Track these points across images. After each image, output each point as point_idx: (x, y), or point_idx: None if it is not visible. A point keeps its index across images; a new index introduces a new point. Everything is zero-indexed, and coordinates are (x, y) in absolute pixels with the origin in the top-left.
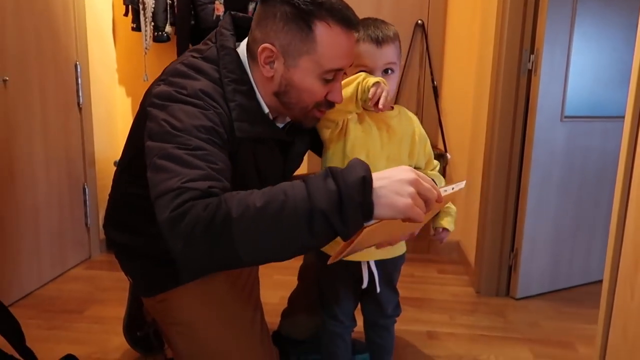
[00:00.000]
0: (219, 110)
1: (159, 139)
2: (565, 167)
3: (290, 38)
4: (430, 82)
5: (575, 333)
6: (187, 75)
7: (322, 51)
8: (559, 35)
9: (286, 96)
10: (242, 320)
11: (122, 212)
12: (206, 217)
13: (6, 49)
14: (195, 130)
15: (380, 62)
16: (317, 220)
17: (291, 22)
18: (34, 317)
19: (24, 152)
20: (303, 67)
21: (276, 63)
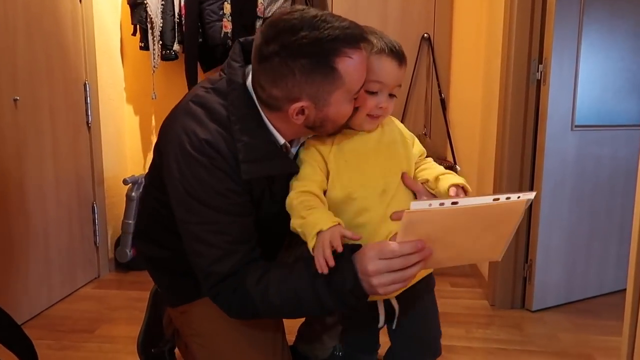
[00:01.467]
0: (224, 163)
1: (180, 204)
2: (577, 176)
3: (317, 85)
4: (437, 95)
5: (594, 345)
6: (195, 116)
7: (350, 80)
8: (567, 45)
9: (322, 128)
10: (263, 338)
11: (148, 224)
12: (236, 309)
13: (17, 69)
14: (208, 199)
15: (396, 82)
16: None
17: (314, 73)
18: (44, 337)
19: (34, 171)
20: (336, 102)
21: (307, 111)
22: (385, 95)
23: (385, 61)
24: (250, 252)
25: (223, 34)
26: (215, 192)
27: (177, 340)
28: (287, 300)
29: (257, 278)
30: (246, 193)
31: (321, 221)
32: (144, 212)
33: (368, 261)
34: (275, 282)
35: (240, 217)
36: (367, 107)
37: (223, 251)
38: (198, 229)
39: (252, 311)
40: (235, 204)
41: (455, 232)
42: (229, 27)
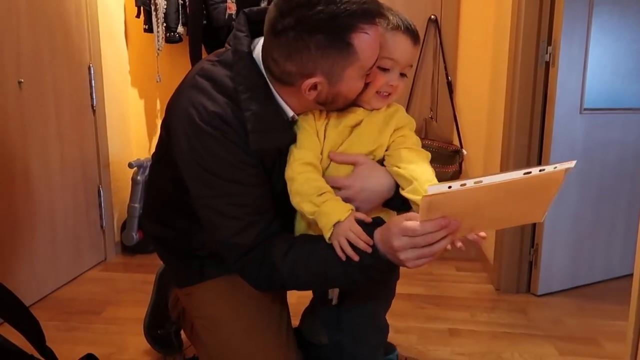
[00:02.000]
0: (234, 135)
1: (195, 179)
2: (585, 160)
3: (332, 61)
4: (444, 78)
5: (600, 329)
6: (202, 89)
7: (364, 56)
8: (577, 26)
9: (334, 104)
10: (268, 321)
11: (154, 203)
12: (264, 282)
13: (21, 52)
14: (222, 171)
15: (409, 61)
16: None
17: (330, 48)
18: (52, 319)
19: (39, 154)
20: (349, 77)
21: (319, 86)
22: (396, 74)
23: (400, 38)
24: (271, 223)
25: (227, 15)
26: (229, 164)
27: (183, 322)
28: (316, 275)
29: (284, 252)
30: (259, 164)
31: (336, 212)
32: (150, 191)
33: (393, 237)
34: (302, 258)
35: (256, 187)
36: (378, 83)
37: (243, 222)
38: (215, 203)
39: (280, 284)
40: (250, 175)
41: (485, 206)
42: (233, 9)
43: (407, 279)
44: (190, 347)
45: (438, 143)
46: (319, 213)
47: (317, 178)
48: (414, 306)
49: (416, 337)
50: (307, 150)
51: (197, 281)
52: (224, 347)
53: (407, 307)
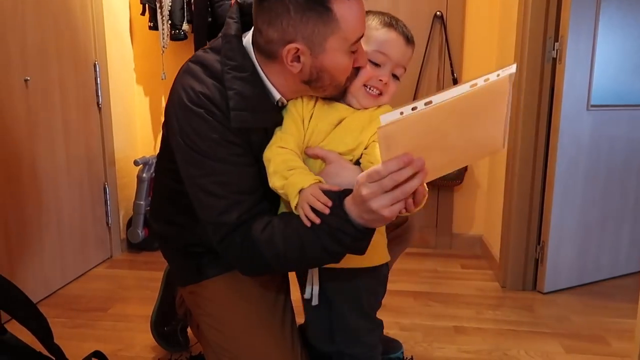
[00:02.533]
0: (220, 114)
1: (184, 160)
2: (591, 157)
3: (312, 26)
4: (450, 74)
5: (607, 327)
6: (193, 74)
7: (346, 26)
8: (584, 22)
9: (319, 82)
10: (272, 318)
11: (158, 200)
12: (246, 259)
13: (27, 50)
14: (209, 150)
15: (401, 59)
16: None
17: (308, 11)
18: (59, 316)
19: (45, 152)
20: (331, 49)
21: (302, 57)
22: (388, 70)
23: (392, 34)
24: (257, 204)
25: None
26: (214, 143)
27: (190, 320)
28: (293, 247)
29: (262, 227)
30: (245, 144)
31: (302, 180)
32: (156, 189)
33: (361, 187)
34: (279, 230)
35: (242, 166)
36: (366, 74)
37: (228, 201)
38: (202, 181)
39: (261, 263)
40: (235, 154)
41: (444, 134)
42: None
43: (413, 277)
44: (197, 345)
45: None
46: (287, 185)
47: (293, 158)
48: (419, 303)
49: (422, 334)
50: (289, 135)
51: (197, 280)
52: (228, 345)
53: (413, 305)
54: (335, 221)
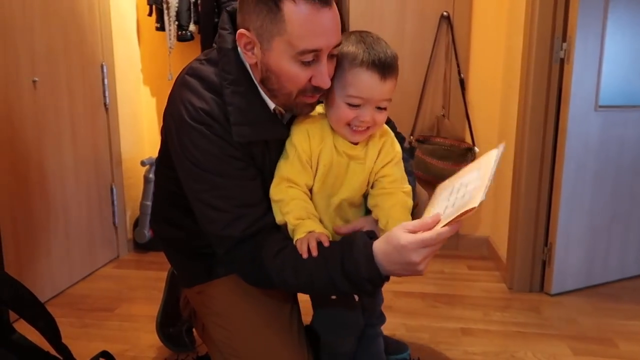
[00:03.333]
0: (220, 129)
1: (186, 174)
2: (600, 158)
3: (262, 20)
4: (456, 75)
5: (615, 329)
6: (191, 88)
7: (292, 30)
8: (592, 22)
9: (269, 82)
10: (280, 317)
11: (162, 205)
12: (253, 278)
13: (35, 51)
14: (210, 165)
15: (377, 98)
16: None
17: (261, 3)
18: (66, 315)
19: (53, 153)
20: (277, 50)
21: (255, 49)
22: (369, 109)
23: (364, 75)
24: (261, 216)
25: None
26: (215, 158)
27: (194, 321)
28: (303, 283)
29: (274, 253)
30: (248, 158)
31: (315, 227)
32: (158, 192)
33: (410, 253)
34: (290, 262)
35: (244, 180)
36: (345, 117)
37: (232, 215)
38: (205, 196)
39: (268, 283)
40: (236, 168)
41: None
42: None
43: (419, 278)
44: (203, 345)
45: (450, 141)
46: (300, 225)
47: (308, 206)
48: (426, 305)
49: (428, 336)
50: (297, 174)
51: (206, 279)
52: (236, 344)
53: (419, 306)
54: (365, 272)
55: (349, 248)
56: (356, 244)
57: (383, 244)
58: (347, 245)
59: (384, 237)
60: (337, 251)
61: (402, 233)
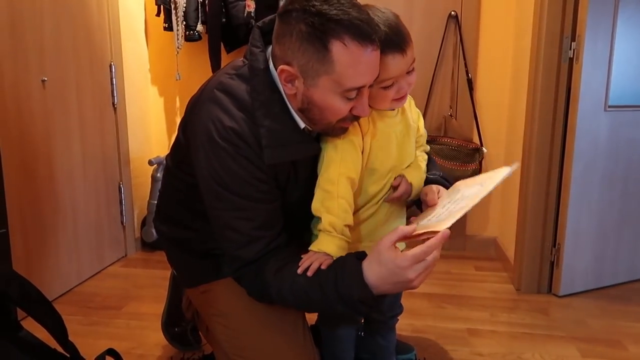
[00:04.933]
0: (249, 151)
1: (208, 191)
2: (609, 159)
3: (308, 58)
4: (464, 75)
5: (624, 331)
6: (221, 104)
7: (341, 71)
8: (602, 21)
9: (310, 113)
10: (285, 317)
11: (171, 205)
12: (256, 294)
13: (44, 50)
14: (234, 186)
15: (407, 66)
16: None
17: (307, 43)
18: (74, 313)
19: (62, 152)
20: (323, 87)
21: (296, 82)
22: (402, 81)
23: (387, 58)
24: (275, 239)
25: (246, 13)
26: (242, 180)
27: (198, 321)
28: (299, 300)
29: (275, 269)
30: (272, 180)
31: (333, 251)
32: (167, 193)
33: (406, 271)
34: (288, 282)
35: (266, 203)
36: (389, 97)
37: (248, 237)
38: (226, 215)
39: (268, 299)
40: (261, 191)
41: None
42: (252, 7)
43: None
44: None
45: (458, 141)
46: (327, 234)
47: (348, 211)
48: (432, 305)
49: (435, 336)
50: (349, 163)
51: (213, 279)
52: (241, 345)
53: (426, 307)
54: (358, 293)
55: (341, 272)
56: (347, 268)
57: (375, 266)
58: (339, 269)
59: (375, 258)
60: (330, 275)
61: (393, 253)
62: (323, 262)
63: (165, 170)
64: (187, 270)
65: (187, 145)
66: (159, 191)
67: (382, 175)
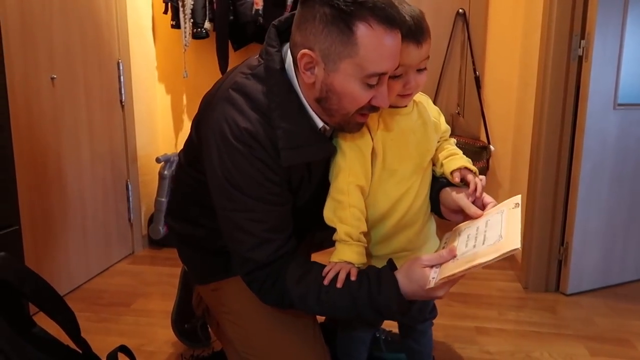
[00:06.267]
0: (264, 153)
1: (219, 191)
2: (618, 157)
3: (331, 41)
4: (472, 73)
5: (633, 330)
6: (236, 105)
7: (365, 54)
8: (612, 19)
9: (327, 102)
10: (294, 316)
11: (183, 203)
12: (273, 300)
13: (53, 48)
14: (247, 187)
15: (419, 61)
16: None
17: (331, 25)
18: (83, 310)
19: (71, 149)
20: (344, 71)
21: (316, 69)
22: (411, 75)
23: (402, 45)
24: (286, 242)
25: (254, 11)
26: (255, 182)
27: (208, 318)
28: (326, 311)
29: (297, 278)
30: (285, 182)
31: (354, 258)
32: (179, 190)
33: (437, 291)
34: (314, 291)
35: (278, 205)
36: (395, 90)
37: (260, 239)
38: (237, 217)
39: (288, 305)
40: (273, 194)
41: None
42: (260, 4)
43: None
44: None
45: (465, 139)
46: (344, 244)
47: (361, 219)
48: (440, 303)
49: (443, 334)
50: (356, 169)
51: (223, 276)
52: (253, 343)
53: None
54: (395, 306)
55: (376, 285)
56: (384, 281)
57: (406, 281)
58: (374, 281)
59: (405, 274)
60: (364, 287)
61: (424, 272)
62: (350, 272)
63: (178, 167)
64: (198, 267)
65: (199, 143)
66: (171, 188)
67: (405, 177)
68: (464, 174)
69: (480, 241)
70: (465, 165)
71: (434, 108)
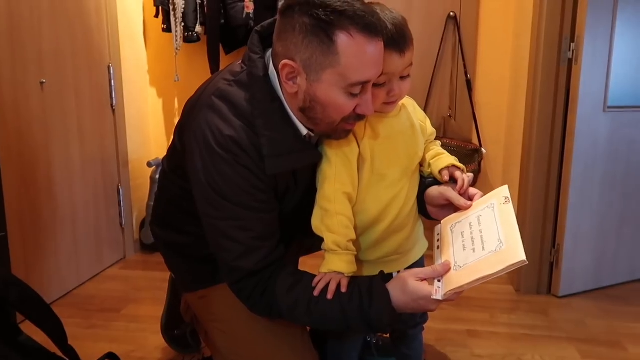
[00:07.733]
0: (248, 160)
1: (204, 199)
2: (608, 160)
3: (312, 51)
4: (463, 75)
5: (623, 332)
6: (219, 111)
7: (347, 63)
8: (601, 22)
9: (312, 112)
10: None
11: (168, 210)
12: (262, 310)
13: (42, 53)
14: (233, 195)
15: (401, 69)
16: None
17: (311, 35)
18: (73, 316)
19: (61, 153)
20: (327, 81)
21: (299, 79)
22: (395, 82)
23: (384, 54)
24: (275, 249)
25: (245, 14)
26: (240, 189)
27: (197, 325)
28: (315, 320)
29: (286, 288)
30: (270, 189)
31: (344, 268)
32: (163, 198)
33: (430, 304)
34: (304, 302)
35: (264, 213)
36: (380, 98)
37: (247, 247)
38: (222, 225)
39: (276, 315)
40: (259, 201)
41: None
42: (251, 8)
43: None
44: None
45: (457, 142)
46: (333, 254)
47: (349, 227)
48: None
49: (434, 338)
50: (346, 177)
51: (210, 284)
52: (240, 352)
53: None
54: (386, 317)
55: (368, 297)
56: (375, 294)
57: (399, 293)
58: (365, 293)
59: (398, 286)
60: (355, 300)
61: (418, 285)
62: (340, 282)
63: (162, 174)
64: (185, 274)
65: (182, 150)
66: (155, 194)
67: (395, 181)
68: (452, 171)
69: (479, 245)
70: (453, 163)
71: (419, 112)
